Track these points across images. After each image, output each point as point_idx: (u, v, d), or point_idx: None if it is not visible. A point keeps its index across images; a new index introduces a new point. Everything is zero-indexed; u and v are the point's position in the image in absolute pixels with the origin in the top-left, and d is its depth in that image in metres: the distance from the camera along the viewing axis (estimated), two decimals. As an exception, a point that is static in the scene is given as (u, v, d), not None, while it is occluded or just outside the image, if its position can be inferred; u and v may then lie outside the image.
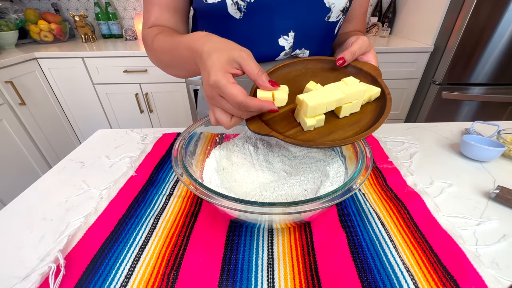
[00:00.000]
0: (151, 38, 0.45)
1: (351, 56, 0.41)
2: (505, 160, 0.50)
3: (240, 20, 0.46)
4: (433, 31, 1.38)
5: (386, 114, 0.35)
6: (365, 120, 0.37)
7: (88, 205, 0.40)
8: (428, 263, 0.31)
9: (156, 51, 0.45)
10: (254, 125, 0.36)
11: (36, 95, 1.37)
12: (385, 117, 0.35)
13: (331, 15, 0.48)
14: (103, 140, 0.59)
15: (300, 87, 0.41)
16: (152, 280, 0.29)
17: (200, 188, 0.29)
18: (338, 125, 0.36)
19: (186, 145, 0.38)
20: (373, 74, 0.40)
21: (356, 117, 0.37)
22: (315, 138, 0.35)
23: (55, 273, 0.29)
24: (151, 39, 0.45)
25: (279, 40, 0.49)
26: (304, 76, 0.44)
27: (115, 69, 1.42)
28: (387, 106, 0.36)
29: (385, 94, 0.38)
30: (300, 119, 0.36)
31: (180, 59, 0.40)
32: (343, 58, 0.41)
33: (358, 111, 0.38)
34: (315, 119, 0.35)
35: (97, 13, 1.65)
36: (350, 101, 0.36)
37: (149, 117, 1.61)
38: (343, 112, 0.37)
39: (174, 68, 0.45)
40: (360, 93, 0.36)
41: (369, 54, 0.43)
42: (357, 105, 0.37)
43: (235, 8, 0.44)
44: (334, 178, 0.38)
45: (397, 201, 0.40)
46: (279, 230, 0.36)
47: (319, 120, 0.35)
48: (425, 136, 0.59)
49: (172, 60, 0.43)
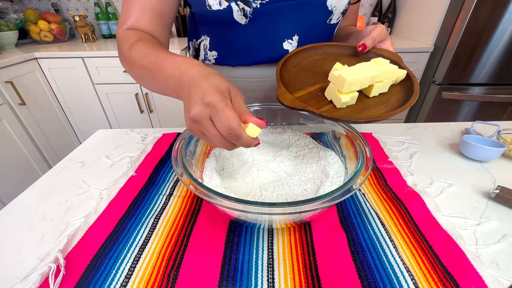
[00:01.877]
0: (127, 44, 0.39)
1: (372, 42, 0.42)
2: (505, 160, 0.50)
3: (245, 25, 0.46)
4: (433, 31, 1.38)
5: (416, 93, 0.37)
6: (393, 100, 0.38)
7: (88, 205, 0.40)
8: (428, 263, 0.30)
9: (132, 61, 0.39)
10: (288, 99, 0.36)
11: (36, 95, 1.37)
12: (416, 96, 0.36)
13: (332, 17, 0.49)
14: (103, 140, 0.59)
15: (322, 69, 0.43)
16: (152, 280, 0.29)
17: (200, 188, 0.29)
18: (368, 103, 0.38)
19: (186, 145, 0.38)
20: (395, 59, 0.42)
21: (384, 97, 0.39)
22: (348, 115, 0.36)
23: (55, 273, 0.29)
24: (128, 46, 0.39)
25: (284, 44, 0.49)
26: (324, 60, 0.46)
27: (115, 69, 1.42)
28: (415, 87, 0.38)
29: (411, 77, 0.40)
30: (334, 96, 0.37)
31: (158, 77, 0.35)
32: (364, 44, 0.42)
33: (386, 91, 0.39)
34: (349, 96, 0.36)
35: (97, 13, 1.65)
36: (381, 80, 0.37)
37: (149, 117, 1.61)
38: (374, 91, 0.38)
39: (146, 83, 0.40)
40: (390, 72, 0.37)
41: (387, 42, 0.44)
42: (386, 85, 0.39)
43: (241, 14, 0.44)
44: (334, 178, 0.38)
45: (397, 201, 0.40)
46: (279, 230, 0.36)
47: (353, 97, 0.36)
48: (425, 136, 0.59)
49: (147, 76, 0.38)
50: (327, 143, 0.47)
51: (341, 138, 0.42)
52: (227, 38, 0.49)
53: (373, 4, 1.79)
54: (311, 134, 0.50)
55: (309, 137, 0.49)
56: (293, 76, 0.43)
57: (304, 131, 0.51)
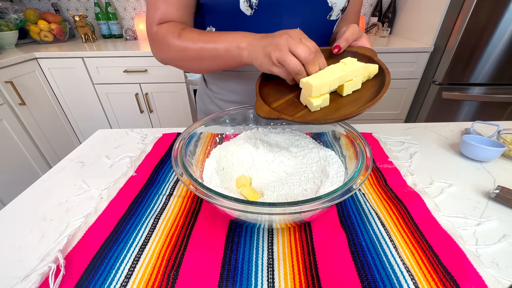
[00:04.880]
0: (175, 33, 0.44)
1: (346, 42, 0.44)
2: (505, 160, 0.50)
3: (251, 17, 0.47)
4: (433, 31, 1.38)
5: (387, 85, 0.37)
6: (367, 95, 0.39)
7: (88, 205, 0.40)
8: (428, 263, 0.30)
9: (186, 45, 0.44)
10: (263, 111, 0.39)
11: (36, 95, 1.37)
12: (386, 88, 0.37)
13: (332, 13, 0.51)
14: (103, 140, 0.59)
15: None
16: (152, 280, 0.29)
17: (200, 188, 0.29)
18: (342, 103, 0.39)
19: (186, 145, 0.38)
20: (369, 55, 0.43)
21: (358, 93, 0.40)
22: (322, 117, 0.37)
23: (55, 273, 0.29)
24: (177, 34, 0.44)
25: None
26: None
27: (115, 69, 1.42)
28: (387, 78, 0.39)
29: (383, 70, 0.41)
30: (307, 101, 0.39)
31: (219, 46, 0.42)
32: (338, 45, 0.44)
33: (360, 88, 0.40)
34: (320, 99, 0.37)
35: (97, 13, 1.65)
36: (351, 78, 0.38)
37: (149, 117, 1.61)
38: (346, 90, 0.39)
39: (202, 61, 0.45)
40: (359, 69, 0.38)
41: (362, 39, 0.46)
42: (358, 82, 0.40)
43: (247, 5, 0.45)
44: (334, 178, 0.38)
45: (397, 201, 0.40)
46: (279, 230, 0.36)
47: (325, 99, 0.38)
48: (425, 136, 0.59)
49: (205, 52, 0.43)
50: (327, 143, 0.47)
51: (341, 138, 0.42)
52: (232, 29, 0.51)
53: (373, 4, 1.79)
54: (311, 134, 0.50)
55: (309, 137, 0.49)
56: (273, 87, 0.45)
57: (304, 131, 0.51)
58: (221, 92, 0.62)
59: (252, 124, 0.50)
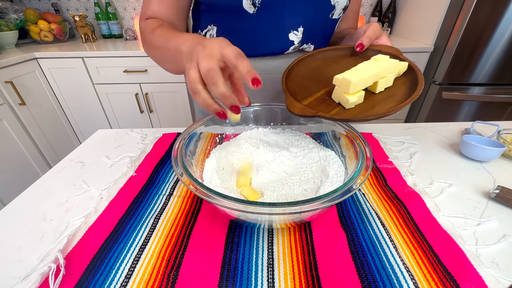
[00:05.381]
0: (150, 29, 0.44)
1: (369, 40, 0.44)
2: (505, 160, 0.50)
3: (253, 15, 0.47)
4: (433, 31, 1.38)
5: (421, 82, 0.37)
6: (400, 93, 0.39)
7: (88, 205, 0.40)
8: (428, 263, 0.30)
9: (152, 43, 0.44)
10: (297, 108, 0.38)
11: (36, 95, 1.37)
12: (422, 85, 0.37)
13: (334, 12, 0.51)
14: (103, 140, 0.59)
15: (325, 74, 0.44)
16: (152, 280, 0.29)
17: (200, 188, 0.29)
18: (376, 100, 0.39)
19: (186, 145, 0.38)
20: (394, 53, 0.43)
21: (391, 91, 0.40)
22: (358, 114, 0.37)
23: (55, 273, 0.29)
24: (150, 31, 0.44)
25: (289, 35, 0.51)
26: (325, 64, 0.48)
27: (115, 69, 1.42)
28: (419, 76, 0.39)
29: (412, 67, 0.41)
30: (341, 98, 0.38)
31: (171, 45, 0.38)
32: (362, 43, 0.43)
33: (391, 85, 0.40)
34: (356, 96, 0.37)
35: (97, 13, 1.65)
36: (384, 75, 0.38)
37: (149, 117, 1.61)
38: (380, 87, 0.39)
39: (163, 62, 0.45)
40: (392, 66, 0.38)
41: (382, 38, 0.46)
42: (390, 79, 0.40)
43: (250, 3, 0.45)
44: (334, 178, 0.38)
45: (397, 201, 0.40)
46: (279, 230, 0.36)
47: (360, 96, 0.37)
48: (425, 136, 0.59)
49: (162, 53, 0.42)
50: (327, 143, 0.47)
51: (341, 138, 0.42)
52: (234, 27, 0.50)
53: (373, 4, 1.79)
54: (311, 134, 0.50)
55: (309, 137, 0.49)
56: (298, 85, 0.44)
57: (304, 131, 0.51)
58: None
59: (252, 124, 0.50)
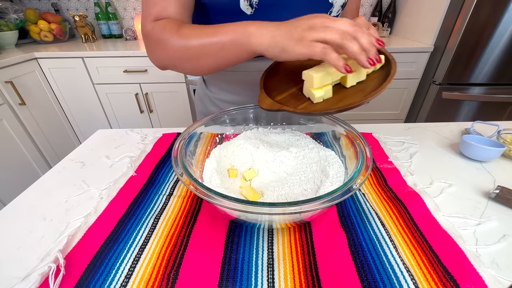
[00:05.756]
0: (172, 30, 0.40)
1: None
2: (505, 160, 0.50)
3: (251, 16, 0.47)
4: (433, 31, 1.38)
5: (392, 74, 0.37)
6: (371, 86, 0.38)
7: (88, 205, 0.40)
8: (428, 263, 0.30)
9: (187, 41, 0.39)
10: (265, 103, 0.39)
11: (36, 95, 1.37)
12: (391, 77, 0.36)
13: (333, 10, 0.51)
14: (103, 140, 0.59)
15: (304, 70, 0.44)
16: (152, 280, 0.29)
17: (200, 188, 0.29)
18: (346, 94, 0.38)
19: (186, 145, 0.38)
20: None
21: (363, 85, 0.39)
22: (325, 108, 0.37)
23: (55, 273, 0.29)
24: (174, 30, 0.40)
25: None
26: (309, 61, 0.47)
27: (115, 69, 1.42)
28: (393, 68, 0.38)
29: (389, 60, 0.40)
30: (309, 93, 0.38)
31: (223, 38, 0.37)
32: None
33: (365, 79, 0.40)
34: (323, 90, 0.37)
35: (97, 13, 1.65)
36: (354, 69, 0.37)
37: (149, 117, 1.61)
38: (349, 81, 0.39)
39: (207, 57, 0.40)
40: None
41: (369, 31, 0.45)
42: (362, 73, 0.39)
43: (247, 4, 0.45)
44: (334, 178, 0.38)
45: (397, 201, 0.40)
46: (279, 230, 0.36)
47: (327, 91, 0.37)
48: (425, 136, 0.59)
49: (206, 46, 0.39)
50: (327, 143, 0.47)
51: (341, 138, 0.42)
52: None
53: (373, 4, 1.79)
54: (311, 134, 0.50)
55: (309, 137, 0.49)
56: (278, 81, 0.45)
57: (304, 131, 0.51)
58: (221, 93, 0.62)
59: (252, 124, 0.50)
